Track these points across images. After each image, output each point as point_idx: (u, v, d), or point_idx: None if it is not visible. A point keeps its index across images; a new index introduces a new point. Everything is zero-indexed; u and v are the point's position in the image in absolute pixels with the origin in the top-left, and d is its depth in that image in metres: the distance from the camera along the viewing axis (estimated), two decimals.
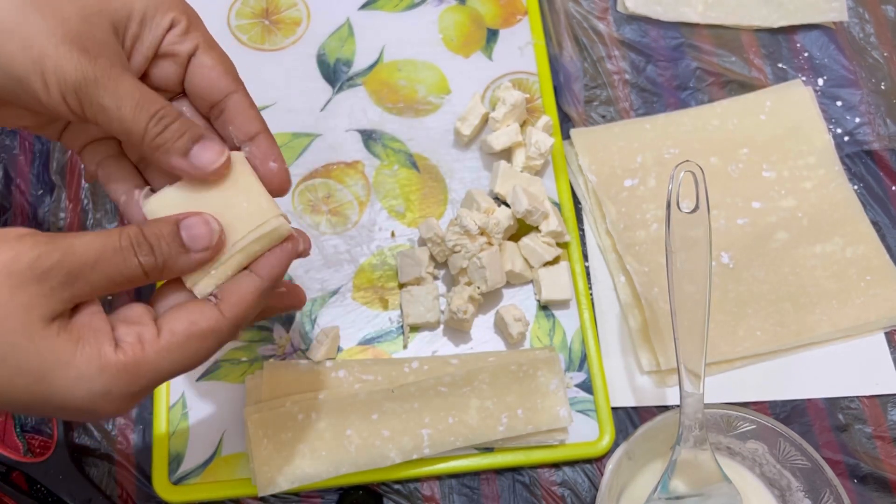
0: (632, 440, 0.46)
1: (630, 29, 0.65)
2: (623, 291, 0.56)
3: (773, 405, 0.54)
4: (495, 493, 0.51)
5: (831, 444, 0.53)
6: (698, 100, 0.63)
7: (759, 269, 0.56)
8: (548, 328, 0.54)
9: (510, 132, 0.57)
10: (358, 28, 0.62)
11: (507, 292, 0.55)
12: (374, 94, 0.60)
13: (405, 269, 0.54)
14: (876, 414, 0.54)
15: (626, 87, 0.63)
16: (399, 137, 0.59)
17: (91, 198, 0.56)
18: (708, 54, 0.64)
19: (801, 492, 0.47)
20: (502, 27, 0.63)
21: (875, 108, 0.63)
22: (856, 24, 0.66)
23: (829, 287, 0.56)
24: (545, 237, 0.54)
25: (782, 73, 0.64)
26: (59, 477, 0.49)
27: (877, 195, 0.60)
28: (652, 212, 0.58)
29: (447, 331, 0.54)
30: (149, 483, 0.50)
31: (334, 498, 0.50)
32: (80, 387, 0.31)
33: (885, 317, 0.55)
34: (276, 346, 0.52)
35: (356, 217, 0.57)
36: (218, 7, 0.62)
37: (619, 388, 0.53)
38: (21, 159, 0.57)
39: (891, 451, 0.53)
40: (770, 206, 0.58)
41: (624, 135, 0.60)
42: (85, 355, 0.31)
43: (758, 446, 0.48)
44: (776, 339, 0.54)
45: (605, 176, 0.58)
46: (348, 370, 0.51)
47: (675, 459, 0.45)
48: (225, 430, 0.50)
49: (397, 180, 0.58)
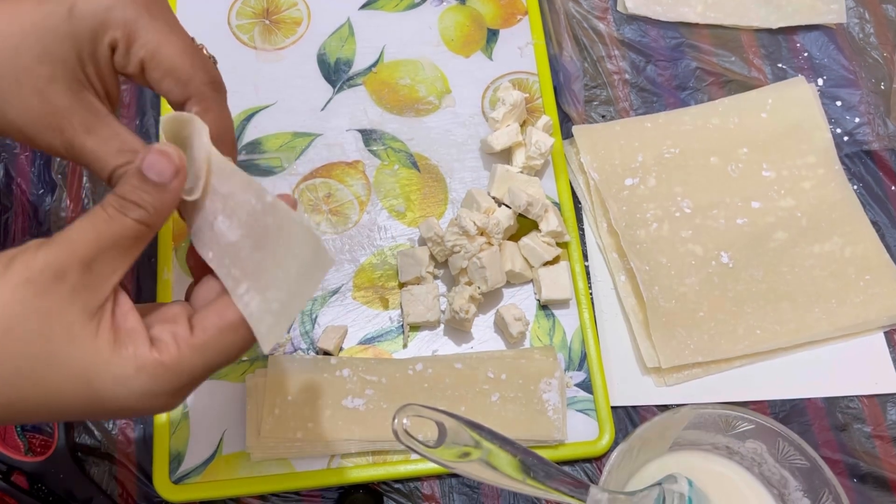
0: (631, 439, 0.46)
1: (630, 29, 0.65)
2: (624, 290, 0.56)
3: (772, 404, 0.54)
4: (495, 492, 0.51)
5: (830, 443, 0.53)
6: (698, 100, 0.63)
7: (758, 269, 0.56)
8: (548, 328, 0.54)
9: (510, 132, 0.57)
10: (358, 28, 0.62)
11: (507, 292, 0.55)
12: (375, 93, 0.60)
13: (405, 268, 0.54)
14: (875, 413, 0.54)
15: (625, 87, 0.63)
16: (399, 137, 0.59)
17: (92, 197, 0.56)
18: (708, 54, 0.64)
19: (799, 491, 0.47)
20: (502, 27, 0.63)
21: (875, 109, 0.63)
22: (855, 25, 0.66)
23: (828, 286, 0.56)
24: (545, 237, 0.54)
25: (782, 72, 0.64)
26: (60, 476, 0.49)
27: (876, 195, 0.60)
28: (652, 211, 0.58)
29: (447, 330, 0.54)
30: (149, 482, 0.50)
31: (334, 497, 0.50)
32: (121, 387, 0.32)
33: (884, 316, 0.55)
34: (276, 344, 0.52)
35: (356, 217, 0.57)
36: (218, 7, 0.62)
37: (618, 388, 0.54)
38: (22, 158, 0.57)
39: (890, 451, 0.53)
40: (769, 206, 0.58)
41: (625, 133, 0.60)
42: (122, 356, 0.32)
43: (757, 446, 0.48)
44: (775, 338, 0.55)
45: (606, 174, 0.58)
46: (352, 369, 0.51)
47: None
48: (226, 429, 0.50)
49: (398, 180, 0.58)
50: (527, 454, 0.41)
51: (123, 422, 0.51)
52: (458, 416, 0.40)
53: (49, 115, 0.35)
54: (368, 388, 0.50)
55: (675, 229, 0.57)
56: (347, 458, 0.50)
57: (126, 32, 0.35)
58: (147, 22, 0.36)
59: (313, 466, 0.50)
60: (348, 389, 0.50)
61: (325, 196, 0.57)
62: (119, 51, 0.36)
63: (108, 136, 0.36)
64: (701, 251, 0.57)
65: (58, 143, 0.36)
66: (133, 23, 0.35)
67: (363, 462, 0.50)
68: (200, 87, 0.37)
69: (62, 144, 0.36)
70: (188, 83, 0.37)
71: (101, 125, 0.36)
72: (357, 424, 0.50)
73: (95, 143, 0.36)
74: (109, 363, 0.31)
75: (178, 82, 0.36)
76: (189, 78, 0.36)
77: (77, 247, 0.31)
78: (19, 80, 0.34)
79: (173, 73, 0.36)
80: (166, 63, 0.36)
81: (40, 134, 0.35)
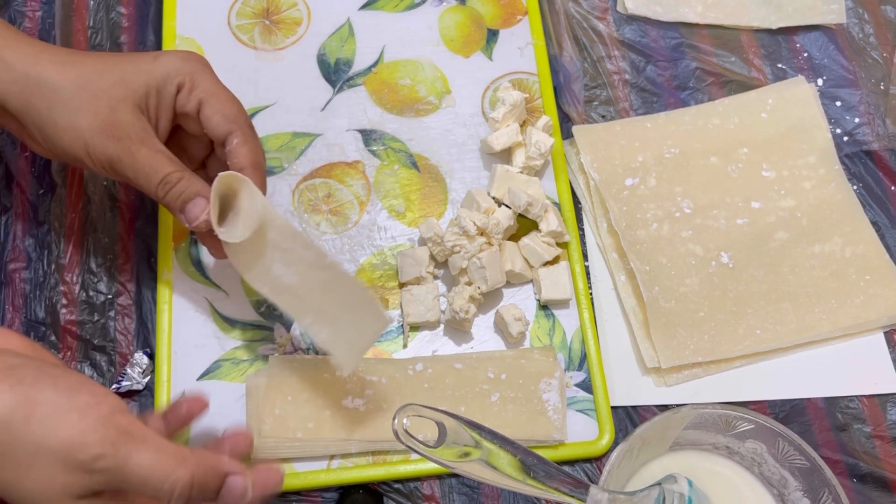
0: (631, 439, 0.46)
1: (630, 29, 0.65)
2: (624, 290, 0.56)
3: (772, 405, 0.54)
4: (495, 492, 0.51)
5: (830, 443, 0.53)
6: (698, 100, 0.63)
7: (758, 269, 0.56)
8: (548, 328, 0.54)
9: (510, 132, 0.57)
10: (358, 28, 0.62)
11: (507, 292, 0.55)
12: (375, 94, 0.60)
13: (405, 268, 0.54)
14: (875, 413, 0.54)
15: (625, 87, 0.63)
16: (399, 137, 0.59)
17: (91, 197, 0.56)
18: (707, 54, 0.64)
19: (799, 491, 0.47)
20: (502, 27, 0.63)
21: (874, 109, 0.63)
22: (855, 25, 0.66)
23: (828, 286, 0.56)
24: (545, 237, 0.54)
25: (782, 73, 0.64)
26: None
27: (876, 195, 0.60)
28: (652, 211, 0.58)
29: (447, 330, 0.54)
30: None
31: (334, 497, 0.50)
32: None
33: (884, 316, 0.55)
34: (276, 345, 0.52)
35: (356, 217, 0.57)
36: (218, 7, 0.62)
37: (618, 388, 0.54)
38: (22, 158, 0.57)
39: (890, 451, 0.53)
40: (769, 206, 0.58)
41: (625, 133, 0.60)
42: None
43: (756, 446, 0.48)
44: (775, 338, 0.55)
45: (606, 174, 0.59)
46: None
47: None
48: (226, 429, 0.50)
49: (398, 180, 0.58)
50: (527, 454, 0.41)
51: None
52: (458, 416, 0.40)
53: (113, 126, 0.44)
54: (368, 389, 0.50)
55: (676, 229, 0.57)
56: (347, 458, 0.50)
57: (191, 79, 0.46)
58: (207, 76, 0.47)
59: (313, 466, 0.50)
60: (348, 389, 0.50)
61: (325, 196, 0.57)
62: (183, 91, 0.46)
63: (158, 149, 0.45)
64: (701, 251, 0.57)
65: (113, 150, 0.44)
66: (197, 74, 0.47)
67: (363, 462, 0.50)
68: (242, 125, 0.47)
69: (117, 151, 0.44)
70: (234, 121, 0.47)
71: (153, 141, 0.45)
72: (357, 424, 0.50)
73: (148, 153, 0.45)
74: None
75: (225, 119, 0.46)
76: (235, 117, 0.47)
77: (124, 476, 0.36)
78: (97, 96, 0.44)
79: (223, 112, 0.46)
80: (218, 105, 0.46)
81: (101, 141, 0.44)
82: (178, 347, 0.52)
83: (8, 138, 0.58)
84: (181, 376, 0.51)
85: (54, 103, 0.44)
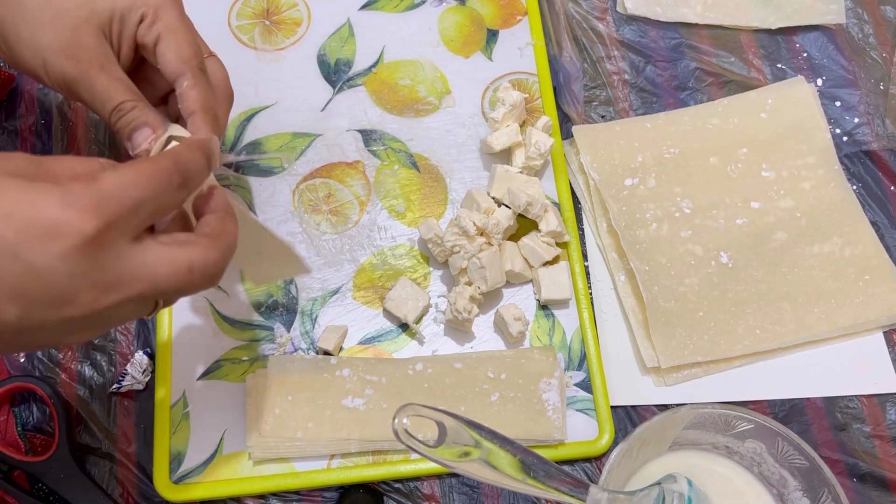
0: (630, 439, 0.46)
1: (629, 29, 0.65)
2: (623, 290, 0.56)
3: (771, 404, 0.54)
4: (495, 492, 0.51)
5: (830, 443, 0.53)
6: (697, 100, 0.63)
7: (757, 269, 0.57)
8: (547, 327, 0.54)
9: (510, 132, 0.57)
10: (358, 28, 0.63)
11: (506, 292, 0.55)
12: (375, 94, 0.61)
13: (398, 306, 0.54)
14: (874, 413, 0.54)
15: (625, 88, 0.63)
16: (399, 137, 0.59)
17: None
18: (707, 55, 0.64)
19: (799, 491, 0.47)
20: (502, 28, 0.64)
21: (874, 109, 0.63)
22: (854, 25, 0.66)
23: (827, 286, 0.56)
24: (545, 237, 0.54)
25: (781, 73, 0.64)
26: (61, 476, 0.49)
27: (875, 195, 0.60)
28: (652, 211, 0.58)
29: (447, 330, 0.54)
30: (150, 482, 0.50)
31: (334, 497, 0.50)
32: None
33: (883, 316, 0.56)
34: (277, 345, 0.53)
35: (356, 217, 0.57)
36: (218, 7, 0.62)
37: (618, 387, 0.54)
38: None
39: (889, 451, 0.53)
40: (769, 206, 0.58)
41: (625, 133, 0.60)
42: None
43: (756, 446, 0.48)
44: (775, 337, 0.55)
45: (606, 174, 0.59)
46: (353, 369, 0.51)
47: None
48: (226, 429, 0.50)
49: (398, 180, 0.58)
50: (527, 454, 0.41)
51: (124, 421, 0.51)
52: (458, 416, 0.40)
53: (74, 46, 0.43)
54: (368, 388, 0.50)
55: (675, 229, 0.57)
56: (347, 458, 0.50)
57: (154, 11, 0.44)
58: (172, 11, 0.45)
59: (313, 466, 0.50)
60: (348, 389, 0.50)
61: (325, 196, 0.57)
62: (145, 22, 0.45)
63: (117, 76, 0.44)
64: (701, 251, 0.57)
65: (70, 72, 0.43)
66: (162, 8, 0.45)
67: (363, 462, 0.50)
68: (193, 68, 0.45)
69: (74, 73, 0.43)
70: (187, 62, 0.44)
71: (113, 67, 0.44)
72: (357, 424, 0.50)
73: (106, 80, 0.43)
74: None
75: (178, 58, 0.44)
76: (188, 58, 0.45)
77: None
78: (60, 14, 0.43)
79: (178, 51, 0.44)
80: (174, 43, 0.44)
81: (59, 60, 0.43)
82: (178, 347, 0.52)
83: (9, 136, 0.58)
84: (181, 376, 0.51)
85: (19, 16, 0.43)
